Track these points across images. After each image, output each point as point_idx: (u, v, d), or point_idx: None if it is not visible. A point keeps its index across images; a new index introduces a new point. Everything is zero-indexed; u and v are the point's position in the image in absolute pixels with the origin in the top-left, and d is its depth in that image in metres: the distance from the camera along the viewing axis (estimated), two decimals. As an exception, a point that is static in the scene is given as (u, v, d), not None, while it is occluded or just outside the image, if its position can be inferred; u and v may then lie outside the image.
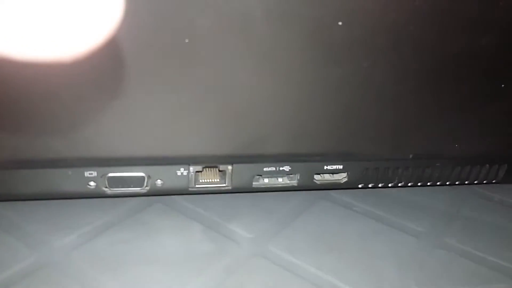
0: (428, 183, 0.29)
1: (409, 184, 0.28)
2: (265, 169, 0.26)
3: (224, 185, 0.26)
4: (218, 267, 0.22)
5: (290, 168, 0.26)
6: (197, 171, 0.25)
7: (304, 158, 0.26)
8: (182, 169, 0.25)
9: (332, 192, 0.29)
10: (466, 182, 0.29)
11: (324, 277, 0.22)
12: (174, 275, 0.22)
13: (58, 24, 0.10)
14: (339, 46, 0.22)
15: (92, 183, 0.24)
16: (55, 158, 0.23)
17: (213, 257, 0.23)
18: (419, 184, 0.28)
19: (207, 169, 0.26)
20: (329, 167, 0.26)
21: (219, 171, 0.26)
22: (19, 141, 0.22)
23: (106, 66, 0.21)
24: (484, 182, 0.30)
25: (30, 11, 0.10)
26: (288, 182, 0.27)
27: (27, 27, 0.10)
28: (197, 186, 0.26)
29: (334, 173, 0.27)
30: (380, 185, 0.28)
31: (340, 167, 0.26)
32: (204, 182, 0.26)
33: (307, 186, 0.27)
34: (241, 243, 0.24)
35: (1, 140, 0.22)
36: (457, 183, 0.29)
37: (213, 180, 0.26)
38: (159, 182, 0.25)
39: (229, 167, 0.25)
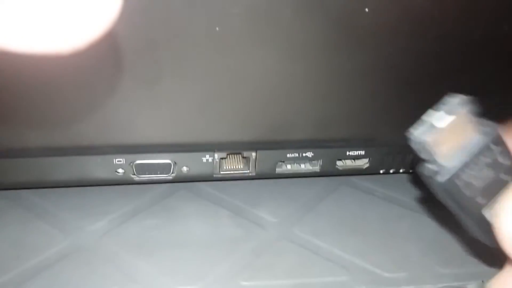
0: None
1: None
2: (288, 155, 0.26)
3: (247, 171, 0.26)
4: (246, 250, 0.23)
5: (312, 154, 0.26)
6: (221, 158, 0.26)
7: (326, 144, 0.26)
8: (207, 156, 0.25)
9: (353, 178, 0.29)
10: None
11: (350, 259, 0.23)
12: (205, 257, 0.22)
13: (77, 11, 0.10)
14: (363, 32, 0.22)
15: (120, 170, 0.25)
16: (86, 145, 0.23)
17: (240, 241, 0.23)
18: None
19: (231, 155, 0.26)
20: (351, 153, 0.27)
21: (243, 157, 0.26)
22: (51, 129, 0.23)
23: (134, 54, 0.21)
24: None
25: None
26: (311, 168, 0.27)
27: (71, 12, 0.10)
28: (221, 172, 0.26)
29: (356, 158, 0.27)
30: (401, 171, 0.28)
31: (362, 152, 0.27)
32: (228, 168, 0.26)
33: (329, 172, 0.27)
34: (267, 228, 0.25)
35: (34, 128, 0.22)
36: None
37: (237, 167, 0.27)
38: (185, 168, 0.25)
39: (253, 154, 0.26)
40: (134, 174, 0.25)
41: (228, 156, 0.26)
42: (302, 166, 0.27)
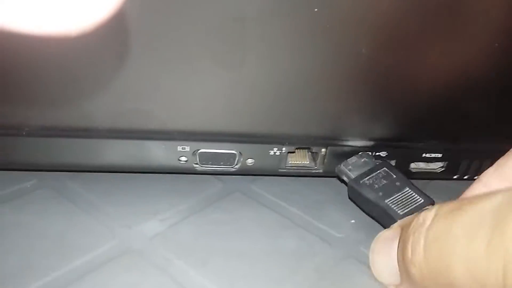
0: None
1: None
2: (360, 153, 0.24)
3: (315, 167, 0.25)
4: (309, 268, 0.21)
5: (386, 154, 0.24)
6: (289, 152, 0.24)
7: (402, 144, 0.24)
8: (275, 149, 0.24)
9: (420, 182, 0.27)
10: None
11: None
12: (264, 272, 0.20)
13: None
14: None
15: (183, 158, 0.23)
16: (151, 129, 0.22)
17: (303, 257, 0.21)
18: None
19: (299, 150, 0.25)
20: (427, 155, 0.25)
21: (311, 153, 0.25)
22: (117, 110, 0.21)
23: (215, 36, 0.20)
24: None
25: None
26: (381, 168, 0.25)
27: None
28: (287, 167, 0.25)
29: (431, 161, 0.25)
30: (475, 178, 0.26)
31: (439, 155, 0.25)
32: (294, 163, 0.25)
33: (400, 174, 0.25)
34: (331, 243, 0.22)
35: (98, 107, 0.21)
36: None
37: (303, 162, 0.25)
38: (250, 161, 0.24)
39: (323, 150, 0.24)
40: (197, 164, 0.24)
41: (296, 150, 0.24)
42: (373, 165, 0.25)
